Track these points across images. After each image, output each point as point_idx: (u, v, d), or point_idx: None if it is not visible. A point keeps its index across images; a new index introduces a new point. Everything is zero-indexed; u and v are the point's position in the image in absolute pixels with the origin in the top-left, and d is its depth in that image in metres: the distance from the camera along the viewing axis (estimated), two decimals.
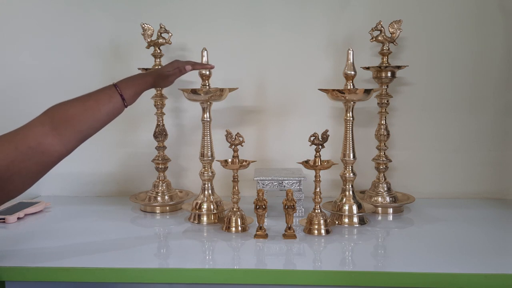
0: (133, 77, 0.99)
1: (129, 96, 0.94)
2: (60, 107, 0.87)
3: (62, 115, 0.85)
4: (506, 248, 1.01)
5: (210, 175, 1.20)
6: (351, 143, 1.16)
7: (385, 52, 1.24)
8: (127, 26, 1.38)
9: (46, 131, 0.83)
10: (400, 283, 0.87)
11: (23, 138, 0.81)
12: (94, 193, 1.46)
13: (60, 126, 0.84)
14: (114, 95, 0.92)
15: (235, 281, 0.90)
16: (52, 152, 0.83)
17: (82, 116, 0.87)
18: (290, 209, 1.03)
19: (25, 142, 0.80)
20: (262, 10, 1.39)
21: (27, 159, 0.80)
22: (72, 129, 0.85)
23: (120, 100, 0.92)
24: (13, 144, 0.79)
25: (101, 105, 0.89)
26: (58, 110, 0.86)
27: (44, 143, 0.82)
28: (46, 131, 0.83)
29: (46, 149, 0.82)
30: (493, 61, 1.36)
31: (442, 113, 1.39)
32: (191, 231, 1.12)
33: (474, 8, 1.35)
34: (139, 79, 0.98)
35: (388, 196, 1.27)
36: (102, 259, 0.93)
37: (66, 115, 0.86)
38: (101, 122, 0.90)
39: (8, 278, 0.90)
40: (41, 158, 0.82)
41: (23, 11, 1.40)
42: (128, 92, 0.94)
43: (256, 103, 1.42)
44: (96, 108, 0.89)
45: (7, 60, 1.42)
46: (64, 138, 0.84)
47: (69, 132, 0.85)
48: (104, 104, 0.90)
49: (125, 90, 0.93)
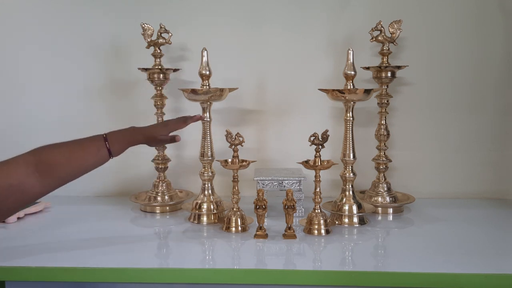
0: (124, 132, 0.97)
1: (117, 151, 0.95)
2: (48, 151, 0.88)
3: (48, 160, 0.87)
4: (506, 248, 1.02)
5: (210, 175, 1.20)
6: (351, 143, 1.16)
7: (385, 52, 1.24)
8: (127, 26, 1.37)
9: (29, 172, 0.84)
10: (400, 283, 0.87)
11: (6, 175, 0.83)
12: (94, 193, 1.46)
13: (45, 171, 0.86)
14: (102, 148, 0.93)
15: (235, 281, 0.90)
16: (31, 193, 0.85)
17: (67, 164, 0.89)
18: (290, 209, 1.03)
19: (7, 179, 0.82)
20: (262, 10, 1.39)
21: (6, 195, 0.82)
22: (55, 175, 0.87)
23: (107, 154, 0.93)
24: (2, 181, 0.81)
25: (88, 156, 0.91)
26: (46, 154, 0.88)
27: (25, 183, 0.83)
28: (30, 172, 0.84)
29: (26, 189, 0.84)
30: (493, 61, 1.36)
31: (442, 113, 1.39)
32: (191, 231, 1.12)
33: (474, 8, 1.34)
34: (130, 136, 0.97)
35: (388, 196, 1.27)
36: (102, 259, 0.93)
37: (52, 160, 0.87)
38: (85, 171, 0.92)
39: (8, 278, 0.90)
40: (20, 196, 0.83)
41: (23, 11, 1.40)
42: (117, 146, 0.94)
43: (256, 103, 1.42)
44: (83, 159, 0.91)
45: (7, 60, 1.41)
46: (46, 182, 0.86)
47: (52, 177, 0.87)
48: (91, 156, 0.91)
49: (114, 144, 0.94)
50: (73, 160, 0.89)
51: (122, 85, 1.43)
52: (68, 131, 1.44)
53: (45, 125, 1.44)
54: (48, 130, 1.44)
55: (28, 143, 1.42)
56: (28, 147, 1.42)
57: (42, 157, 0.87)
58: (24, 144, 1.42)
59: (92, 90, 1.43)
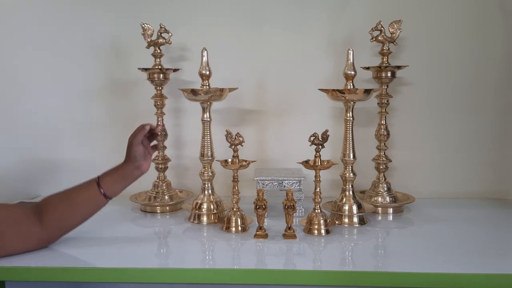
0: (123, 176, 1.01)
1: (114, 192, 1.00)
2: (49, 205, 0.95)
3: (50, 213, 0.94)
4: (506, 248, 1.02)
5: (210, 175, 1.20)
6: (351, 143, 1.15)
7: (385, 52, 1.24)
8: (127, 26, 1.37)
9: (36, 221, 0.93)
10: (400, 283, 0.87)
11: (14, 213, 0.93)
12: None
13: (48, 223, 0.94)
14: (98, 196, 0.98)
15: (235, 281, 0.90)
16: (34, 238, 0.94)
17: (67, 217, 0.96)
18: (290, 209, 1.03)
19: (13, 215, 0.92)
20: (262, 10, 1.39)
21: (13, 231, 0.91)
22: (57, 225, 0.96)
23: (103, 199, 0.99)
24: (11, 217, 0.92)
25: (86, 209, 0.98)
26: (48, 208, 0.95)
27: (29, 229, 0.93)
28: (36, 221, 0.93)
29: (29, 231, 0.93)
30: (493, 61, 1.36)
31: (442, 113, 1.39)
32: (191, 231, 1.12)
33: (474, 8, 1.34)
34: (123, 173, 1.01)
35: (388, 196, 1.27)
36: (102, 259, 0.93)
37: (54, 213, 0.95)
38: (86, 219, 0.99)
39: (8, 278, 0.90)
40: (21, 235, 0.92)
41: (23, 11, 1.40)
42: (112, 188, 0.99)
43: (256, 103, 1.42)
44: (81, 210, 0.97)
45: (7, 60, 1.41)
46: (49, 232, 0.95)
47: (55, 227, 0.95)
48: (89, 207, 0.98)
49: (109, 187, 0.99)
50: (71, 213, 0.96)
51: (122, 85, 1.43)
52: (68, 131, 1.45)
53: (45, 125, 1.44)
54: (48, 130, 1.44)
55: (28, 143, 1.44)
56: (28, 147, 1.44)
57: (43, 210, 0.94)
58: (24, 144, 1.44)
59: (92, 90, 1.43)
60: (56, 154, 1.45)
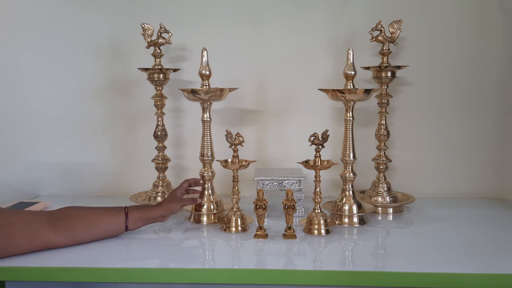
0: (149, 219, 1.06)
1: (133, 227, 1.04)
2: (70, 216, 0.97)
3: (69, 224, 0.96)
4: (506, 248, 1.01)
5: (210, 175, 1.20)
6: (351, 143, 1.15)
7: (385, 52, 1.24)
8: (127, 26, 1.37)
9: (48, 226, 0.94)
10: (400, 283, 0.87)
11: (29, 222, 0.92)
12: (94, 193, 1.46)
13: (61, 225, 0.95)
14: (122, 228, 1.02)
15: (235, 281, 0.90)
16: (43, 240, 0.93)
17: (87, 232, 0.98)
18: (290, 209, 1.03)
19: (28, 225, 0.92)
20: (262, 10, 1.38)
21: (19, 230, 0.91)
22: (70, 233, 0.96)
23: (123, 229, 1.02)
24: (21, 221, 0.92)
25: (107, 228, 1.01)
26: (67, 218, 0.97)
27: (40, 229, 0.93)
28: (48, 224, 0.94)
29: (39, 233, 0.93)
30: (493, 61, 1.36)
31: (442, 113, 1.39)
32: (191, 231, 1.12)
33: (474, 8, 1.34)
34: (149, 215, 1.05)
35: (388, 196, 1.27)
36: (102, 259, 0.93)
37: (73, 225, 0.97)
38: (100, 239, 1.01)
39: (8, 278, 0.90)
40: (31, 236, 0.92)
41: (23, 10, 1.40)
42: (134, 224, 1.03)
43: (256, 103, 1.42)
44: (103, 231, 1.00)
45: (7, 60, 1.41)
46: (59, 236, 0.95)
47: (67, 234, 0.96)
48: (110, 230, 1.01)
49: (132, 222, 1.03)
50: (89, 231, 0.98)
51: (122, 85, 1.43)
52: (68, 131, 1.45)
53: (45, 125, 1.44)
54: (48, 130, 1.44)
55: (29, 143, 1.44)
56: (28, 147, 1.44)
57: (63, 214, 0.97)
58: (24, 144, 1.44)
59: (92, 90, 1.43)
60: (56, 154, 1.45)
